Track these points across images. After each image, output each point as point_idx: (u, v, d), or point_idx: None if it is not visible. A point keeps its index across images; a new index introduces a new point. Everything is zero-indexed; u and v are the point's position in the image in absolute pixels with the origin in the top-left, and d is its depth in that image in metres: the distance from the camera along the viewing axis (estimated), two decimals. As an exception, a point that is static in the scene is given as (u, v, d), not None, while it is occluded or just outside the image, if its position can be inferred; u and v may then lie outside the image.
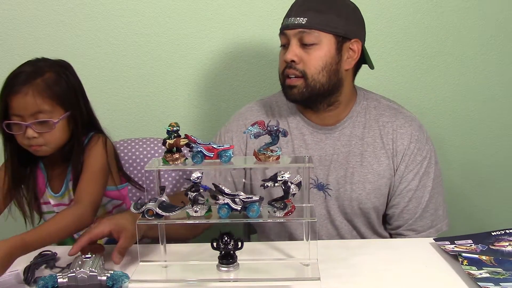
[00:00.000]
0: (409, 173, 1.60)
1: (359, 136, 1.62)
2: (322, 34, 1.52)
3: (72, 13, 2.06)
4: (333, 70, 1.54)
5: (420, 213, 1.61)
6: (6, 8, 2.06)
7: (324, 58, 1.53)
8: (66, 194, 1.59)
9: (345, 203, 1.62)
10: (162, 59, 2.11)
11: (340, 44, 1.54)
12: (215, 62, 2.12)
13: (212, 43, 2.10)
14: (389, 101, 1.69)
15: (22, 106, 1.44)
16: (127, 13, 2.08)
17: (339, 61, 1.55)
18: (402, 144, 1.60)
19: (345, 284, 1.25)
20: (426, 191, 1.61)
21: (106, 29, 2.08)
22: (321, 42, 1.52)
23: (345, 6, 1.58)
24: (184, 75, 2.13)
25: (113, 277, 1.20)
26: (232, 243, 1.23)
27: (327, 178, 1.62)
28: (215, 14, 2.08)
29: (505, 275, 1.23)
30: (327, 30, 1.52)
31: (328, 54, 1.53)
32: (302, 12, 1.52)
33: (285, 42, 1.58)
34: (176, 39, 2.10)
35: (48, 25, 2.06)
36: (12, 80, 1.46)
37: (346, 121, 1.63)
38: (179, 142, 1.22)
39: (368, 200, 1.61)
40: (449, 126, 1.71)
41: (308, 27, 1.51)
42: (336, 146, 1.62)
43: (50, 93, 1.46)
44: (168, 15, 2.08)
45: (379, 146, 1.61)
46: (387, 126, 1.62)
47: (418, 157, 1.61)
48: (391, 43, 2.11)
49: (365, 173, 1.61)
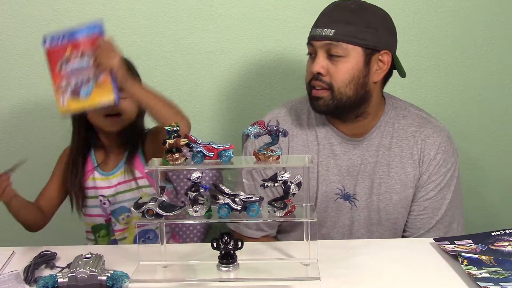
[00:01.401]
0: (431, 184, 1.58)
1: (387, 146, 1.59)
2: (350, 47, 1.47)
3: (72, 13, 2.06)
4: (360, 83, 1.50)
5: (434, 224, 1.59)
6: (6, 8, 2.06)
7: (351, 71, 1.48)
8: (118, 175, 1.68)
9: (372, 214, 1.61)
10: (162, 59, 2.11)
11: (369, 56, 1.50)
12: (215, 62, 2.12)
13: (212, 43, 2.10)
14: (418, 110, 1.65)
15: None
16: (127, 13, 2.08)
17: (367, 74, 1.51)
18: (429, 154, 1.57)
19: (345, 284, 1.25)
20: (444, 203, 1.58)
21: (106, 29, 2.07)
22: (349, 55, 1.48)
23: (375, 16, 1.52)
24: (184, 75, 2.13)
25: (113, 277, 1.20)
26: (232, 243, 1.23)
27: (355, 189, 1.60)
28: (215, 14, 2.08)
29: (505, 275, 1.24)
30: (355, 42, 1.47)
31: (356, 67, 1.49)
32: (330, 23, 1.48)
33: (312, 52, 1.54)
34: (176, 39, 2.10)
35: (48, 25, 2.06)
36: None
37: (375, 131, 1.60)
38: (179, 142, 1.22)
39: (395, 211, 1.59)
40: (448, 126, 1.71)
41: (336, 39, 1.47)
42: (364, 156, 1.59)
43: (125, 65, 1.50)
44: (168, 15, 2.08)
45: (406, 156, 1.58)
46: (416, 135, 1.59)
47: (443, 169, 1.58)
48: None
49: (391, 184, 1.58)
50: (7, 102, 2.11)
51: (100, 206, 1.70)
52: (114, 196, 1.68)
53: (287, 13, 2.06)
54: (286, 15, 2.07)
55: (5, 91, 2.10)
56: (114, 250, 1.51)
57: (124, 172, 1.67)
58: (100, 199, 1.69)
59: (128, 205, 1.67)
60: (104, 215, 1.70)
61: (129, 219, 1.69)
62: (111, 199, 1.68)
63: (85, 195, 1.70)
